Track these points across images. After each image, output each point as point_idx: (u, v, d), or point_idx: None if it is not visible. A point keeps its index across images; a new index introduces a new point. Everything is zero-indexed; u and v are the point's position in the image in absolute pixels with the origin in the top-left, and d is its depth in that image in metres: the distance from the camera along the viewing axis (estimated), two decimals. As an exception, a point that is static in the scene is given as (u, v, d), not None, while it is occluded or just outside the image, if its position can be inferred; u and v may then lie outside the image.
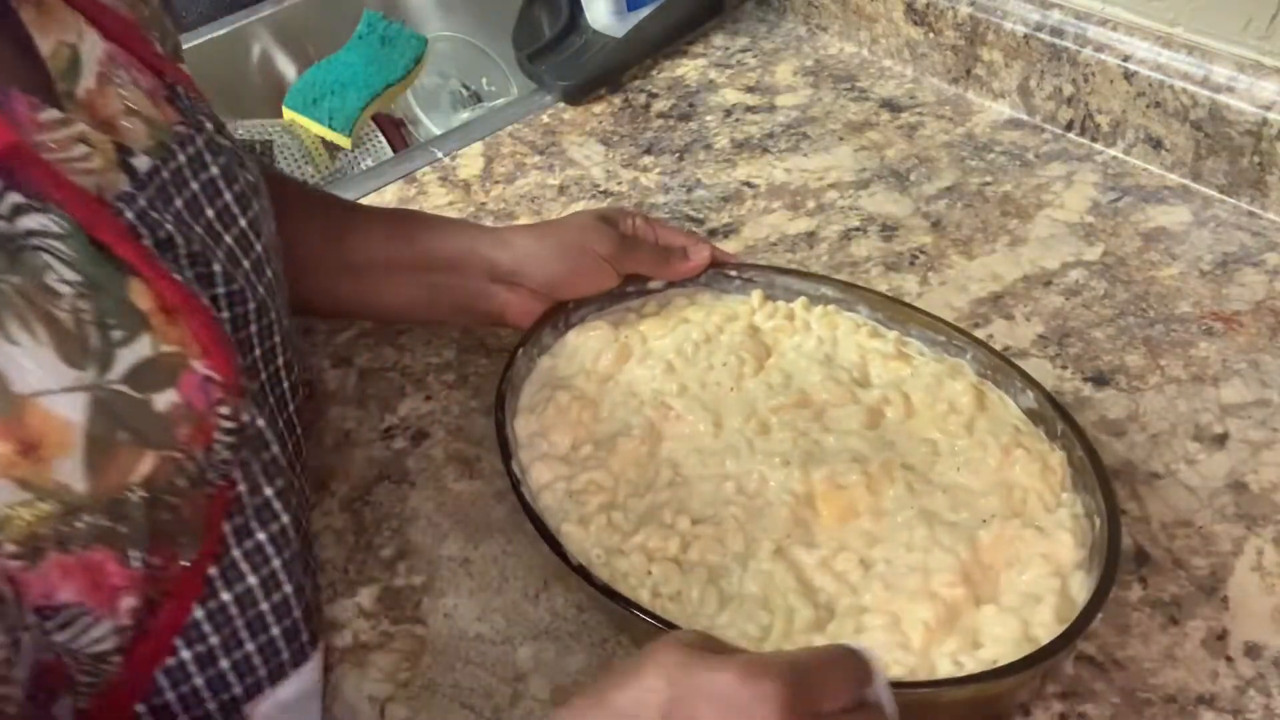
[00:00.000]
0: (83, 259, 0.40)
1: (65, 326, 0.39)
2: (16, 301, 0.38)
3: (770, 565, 0.52)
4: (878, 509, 0.55)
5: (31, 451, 0.38)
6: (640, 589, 0.52)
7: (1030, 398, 0.58)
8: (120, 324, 0.41)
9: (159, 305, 0.42)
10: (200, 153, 0.50)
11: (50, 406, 0.38)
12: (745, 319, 0.65)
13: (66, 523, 0.40)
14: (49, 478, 0.39)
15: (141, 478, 0.42)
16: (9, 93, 0.41)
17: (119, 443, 0.40)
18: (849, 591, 0.51)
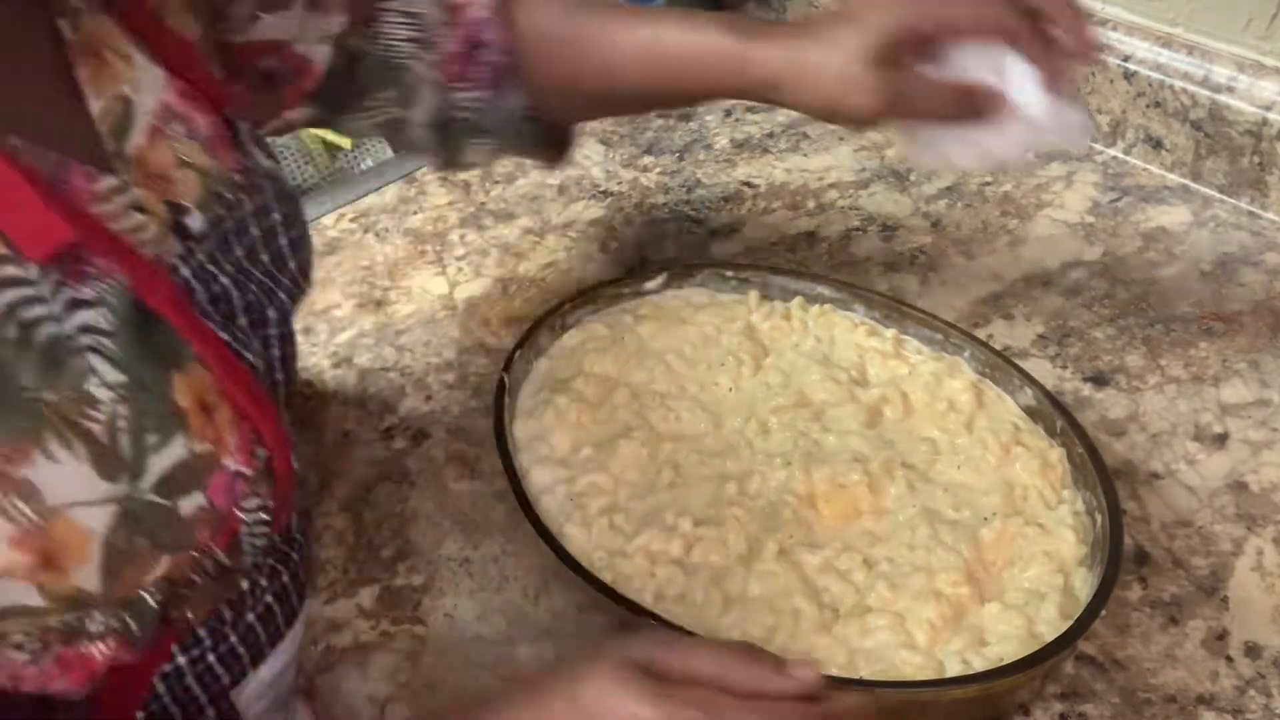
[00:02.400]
0: (128, 356, 0.40)
1: (101, 440, 0.39)
2: (54, 419, 0.38)
3: (774, 566, 0.52)
4: (879, 508, 0.55)
5: (51, 562, 0.38)
6: (644, 592, 0.52)
7: (1029, 395, 0.58)
8: (157, 427, 0.41)
9: (199, 401, 0.42)
10: (268, 202, 0.50)
11: (75, 518, 0.38)
12: (742, 319, 0.65)
13: (77, 620, 0.40)
14: (67, 584, 0.39)
15: (156, 578, 0.42)
16: (68, 166, 0.41)
17: (137, 549, 0.40)
18: (853, 591, 0.51)
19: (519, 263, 0.80)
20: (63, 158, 0.41)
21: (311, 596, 0.59)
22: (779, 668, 0.42)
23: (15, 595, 0.38)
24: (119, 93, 0.45)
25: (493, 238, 0.83)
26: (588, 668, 0.41)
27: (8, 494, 0.36)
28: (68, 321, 0.39)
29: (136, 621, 0.41)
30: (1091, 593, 0.49)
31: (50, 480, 0.37)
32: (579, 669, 0.42)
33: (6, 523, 0.36)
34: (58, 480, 0.38)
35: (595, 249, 0.80)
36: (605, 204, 0.85)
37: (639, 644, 0.42)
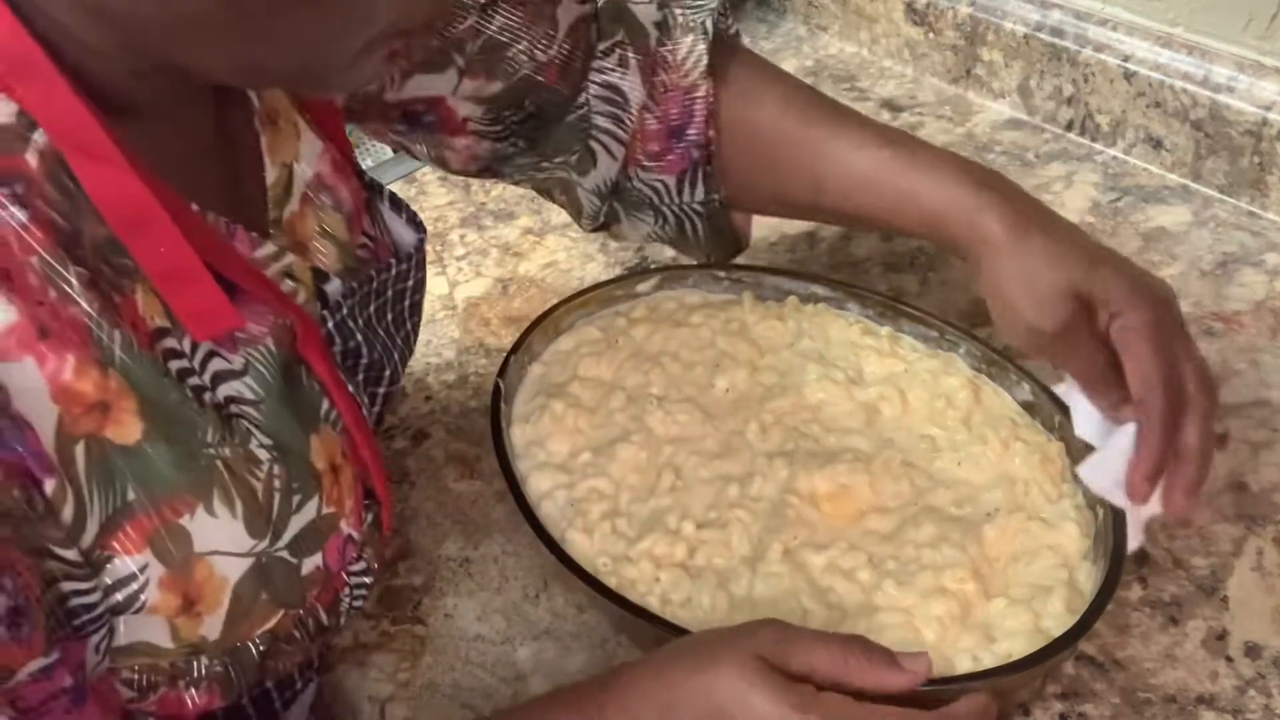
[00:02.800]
0: (274, 422, 0.41)
1: (259, 499, 0.40)
2: (223, 476, 0.39)
3: (779, 567, 0.52)
4: (882, 506, 0.55)
5: (191, 607, 0.39)
6: (649, 596, 0.52)
7: (1025, 390, 0.59)
8: (301, 489, 0.42)
9: (330, 463, 0.44)
10: (410, 270, 0.52)
11: (216, 565, 0.40)
12: (737, 320, 0.65)
13: (186, 662, 0.41)
14: (195, 633, 0.40)
15: (265, 631, 0.43)
16: (235, 230, 0.42)
17: (259, 602, 0.42)
18: (860, 590, 0.51)
19: (519, 263, 0.80)
20: (232, 223, 0.42)
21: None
22: (893, 662, 0.43)
23: (148, 633, 0.39)
24: (286, 160, 0.46)
25: (493, 238, 0.83)
26: (716, 662, 0.41)
27: (164, 538, 0.38)
28: (218, 392, 0.40)
29: (237, 670, 0.43)
30: (1096, 586, 0.49)
31: (203, 531, 0.39)
32: (705, 661, 0.42)
33: (161, 565, 0.38)
34: (211, 532, 0.39)
35: (595, 249, 0.80)
36: (605, 204, 0.85)
37: (762, 635, 0.42)
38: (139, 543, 0.37)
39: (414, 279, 0.53)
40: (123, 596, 0.38)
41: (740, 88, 0.60)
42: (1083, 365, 0.50)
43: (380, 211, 0.53)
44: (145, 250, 0.37)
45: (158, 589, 0.38)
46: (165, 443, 0.38)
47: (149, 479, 0.37)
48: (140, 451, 0.37)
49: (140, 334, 0.37)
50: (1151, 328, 0.48)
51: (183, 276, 0.38)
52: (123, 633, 0.39)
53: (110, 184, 0.36)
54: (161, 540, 0.38)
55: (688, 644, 0.44)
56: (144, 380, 0.37)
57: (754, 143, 0.60)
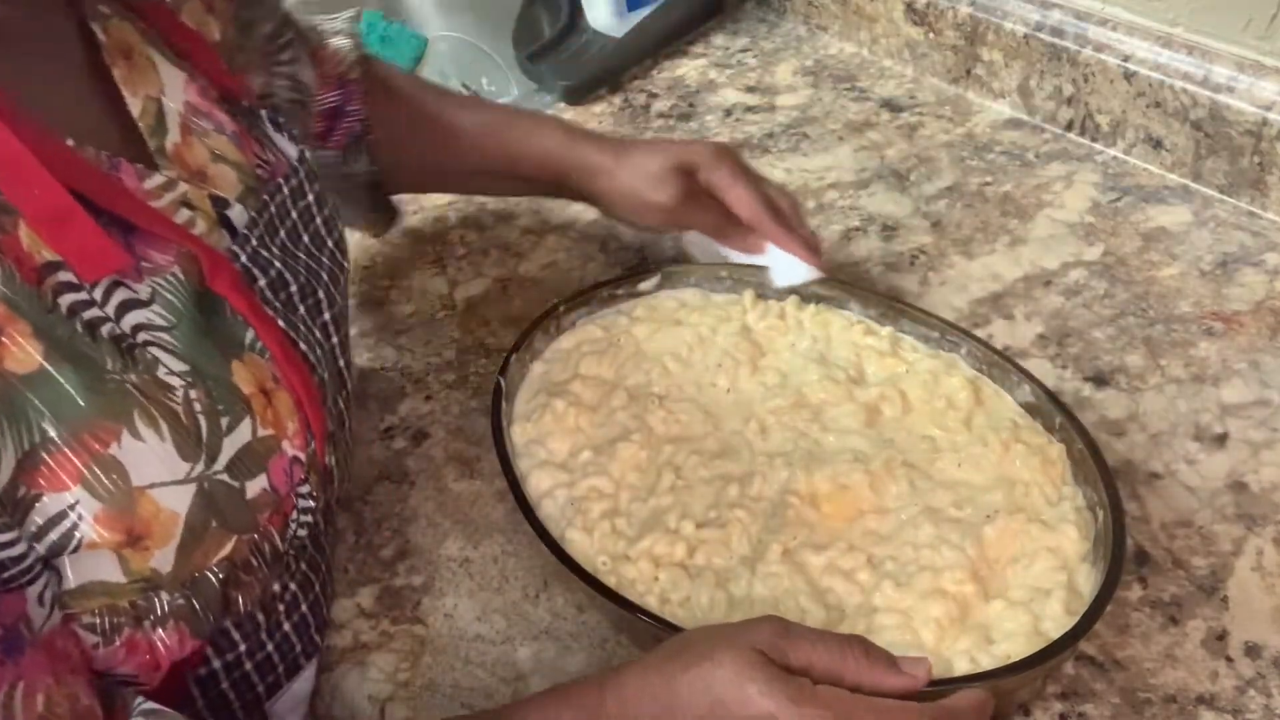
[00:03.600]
0: (189, 347, 0.41)
1: (182, 420, 0.40)
2: (142, 398, 0.39)
3: (778, 568, 0.52)
4: (881, 507, 0.55)
5: (138, 541, 0.39)
6: (648, 595, 0.52)
7: (1027, 391, 0.59)
8: (228, 409, 0.42)
9: (259, 386, 0.44)
10: (302, 182, 0.52)
11: (160, 498, 0.39)
12: (738, 320, 0.65)
13: (146, 599, 0.41)
14: (146, 565, 0.40)
15: (220, 559, 0.43)
16: (118, 164, 0.42)
17: (210, 530, 0.41)
18: (859, 591, 0.51)
19: (519, 263, 0.80)
20: (114, 157, 0.42)
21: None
22: (892, 664, 0.43)
23: (99, 570, 0.39)
24: (150, 93, 0.46)
25: (493, 238, 0.83)
26: (715, 655, 0.41)
27: (96, 471, 0.37)
28: (123, 321, 0.40)
29: (200, 602, 0.43)
30: (1095, 588, 0.49)
31: (136, 460, 0.39)
32: (705, 654, 0.42)
33: (94, 500, 0.38)
34: (143, 460, 0.39)
35: (595, 249, 0.80)
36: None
37: (761, 630, 0.42)
38: (66, 479, 0.37)
39: (313, 193, 0.52)
40: (56, 536, 0.37)
41: (380, 75, 0.72)
42: (710, 219, 0.67)
43: (268, 134, 0.53)
44: (18, 192, 0.36)
45: (94, 526, 0.38)
46: (70, 365, 0.37)
47: (61, 408, 0.37)
48: (45, 378, 0.36)
49: (25, 269, 0.37)
50: (734, 172, 0.65)
51: (61, 217, 0.37)
52: (71, 575, 0.38)
53: None
54: (93, 474, 0.37)
55: (687, 639, 0.44)
56: (31, 313, 0.36)
57: (399, 118, 0.71)
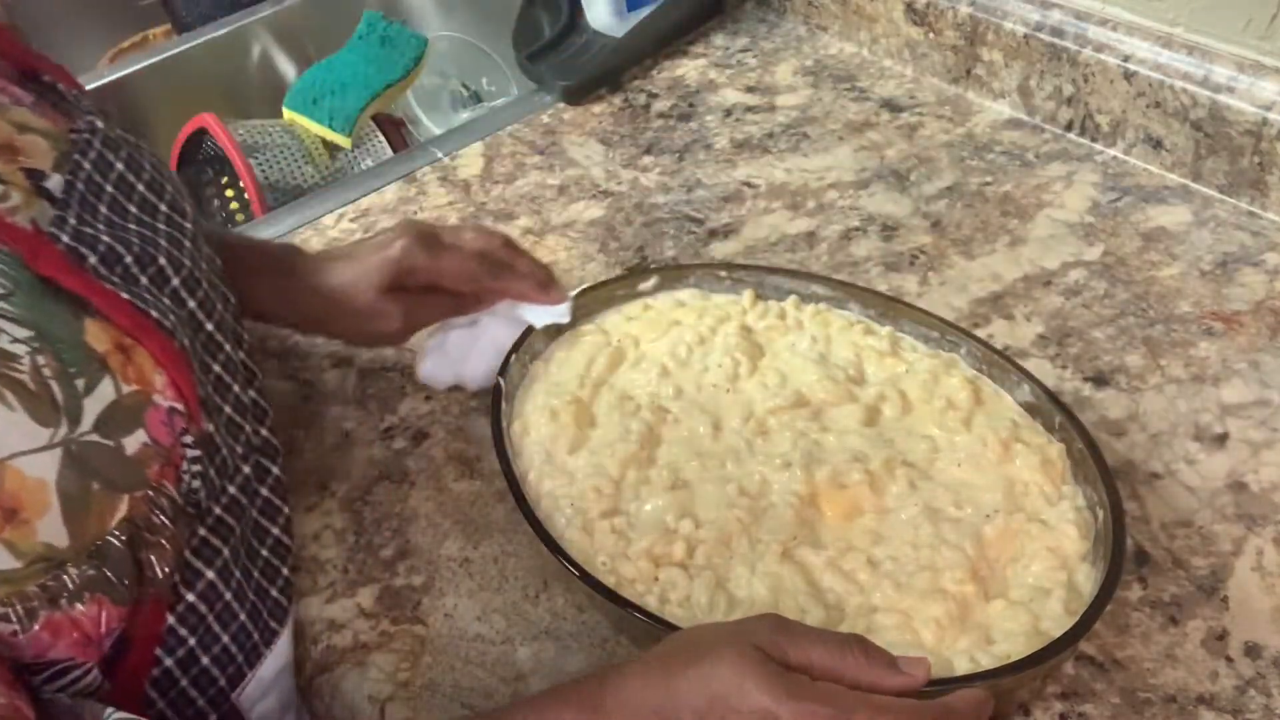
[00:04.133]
0: (31, 311, 0.40)
1: (29, 388, 0.39)
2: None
3: (778, 567, 0.52)
4: (881, 507, 0.55)
5: (14, 516, 0.38)
6: (648, 595, 0.52)
7: (1026, 391, 0.59)
8: (82, 371, 0.41)
9: (115, 344, 0.42)
10: (101, 153, 0.49)
11: (24, 468, 0.38)
12: (737, 320, 0.65)
13: (54, 578, 0.40)
14: (35, 541, 0.39)
15: (119, 521, 0.42)
16: None
17: (93, 493, 0.40)
18: (858, 591, 0.51)
19: (519, 263, 0.80)
20: None
21: (312, 595, 0.59)
22: (892, 663, 0.43)
23: None
24: None
25: (493, 238, 0.83)
26: (714, 652, 0.41)
27: None
28: None
29: (110, 568, 0.41)
30: (1096, 588, 0.49)
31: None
32: (704, 651, 0.42)
33: None
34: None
35: (595, 249, 0.80)
36: (605, 204, 0.85)
37: (761, 627, 0.42)
38: None
39: (121, 161, 0.50)
40: None
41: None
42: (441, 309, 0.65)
43: (71, 105, 0.51)
44: None
45: None
46: None
47: None
48: None
49: None
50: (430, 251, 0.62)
51: None
52: None
53: None
54: None
55: (686, 636, 0.44)
56: None
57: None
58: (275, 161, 1.07)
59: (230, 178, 1.08)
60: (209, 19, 1.18)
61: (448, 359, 0.67)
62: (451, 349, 0.66)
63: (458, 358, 0.66)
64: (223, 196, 1.10)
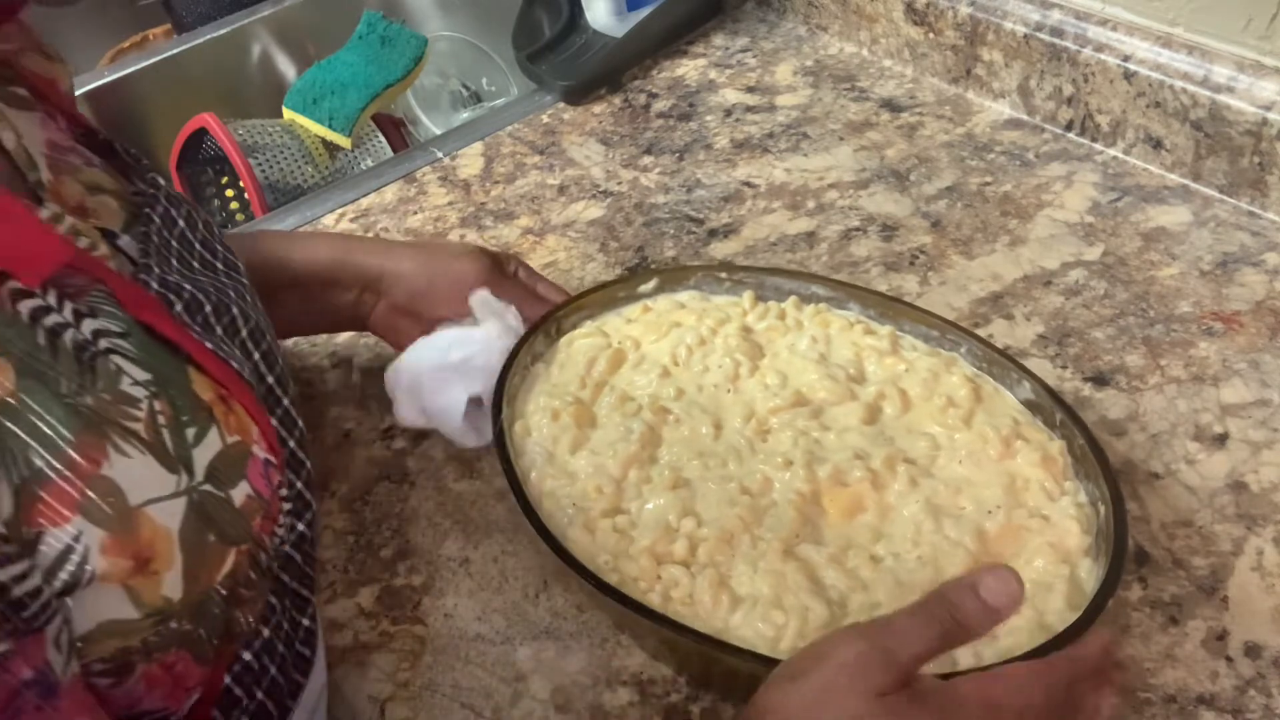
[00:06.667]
0: (146, 353, 0.40)
1: (146, 438, 0.38)
2: (110, 416, 0.37)
3: (780, 565, 0.52)
4: (883, 504, 0.55)
5: (145, 565, 0.37)
6: (650, 594, 0.52)
7: (1027, 388, 0.59)
8: (193, 420, 0.40)
9: (217, 393, 0.42)
10: (167, 209, 0.50)
11: (156, 516, 0.38)
12: (737, 320, 0.65)
13: (155, 633, 0.39)
14: (157, 594, 0.38)
15: (223, 576, 0.41)
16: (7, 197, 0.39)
17: (209, 546, 0.40)
18: (861, 588, 0.51)
19: (519, 263, 0.80)
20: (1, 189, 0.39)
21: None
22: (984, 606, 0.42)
23: (110, 609, 0.37)
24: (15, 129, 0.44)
25: (493, 238, 0.83)
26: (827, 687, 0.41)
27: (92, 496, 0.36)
28: (83, 327, 0.38)
29: (205, 626, 0.41)
30: (1098, 582, 0.49)
31: (127, 477, 0.37)
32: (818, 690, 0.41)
33: (97, 527, 0.36)
34: (133, 476, 0.37)
35: (595, 249, 0.80)
36: (605, 204, 0.85)
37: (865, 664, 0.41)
38: (65, 510, 0.35)
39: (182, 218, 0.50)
40: (66, 575, 0.35)
41: None
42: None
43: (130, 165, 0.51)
44: None
45: (101, 555, 0.36)
46: (41, 384, 0.35)
47: (39, 432, 0.34)
48: (22, 405, 0.34)
49: None
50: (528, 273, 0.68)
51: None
52: (82, 619, 0.36)
53: None
54: (89, 500, 0.35)
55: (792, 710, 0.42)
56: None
57: None
58: (275, 161, 1.07)
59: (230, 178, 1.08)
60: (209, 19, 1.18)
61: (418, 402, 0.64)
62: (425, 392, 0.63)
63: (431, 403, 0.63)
64: (223, 196, 1.10)
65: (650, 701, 0.53)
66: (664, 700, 0.53)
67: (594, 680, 0.54)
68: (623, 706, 0.53)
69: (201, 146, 1.09)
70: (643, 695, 0.53)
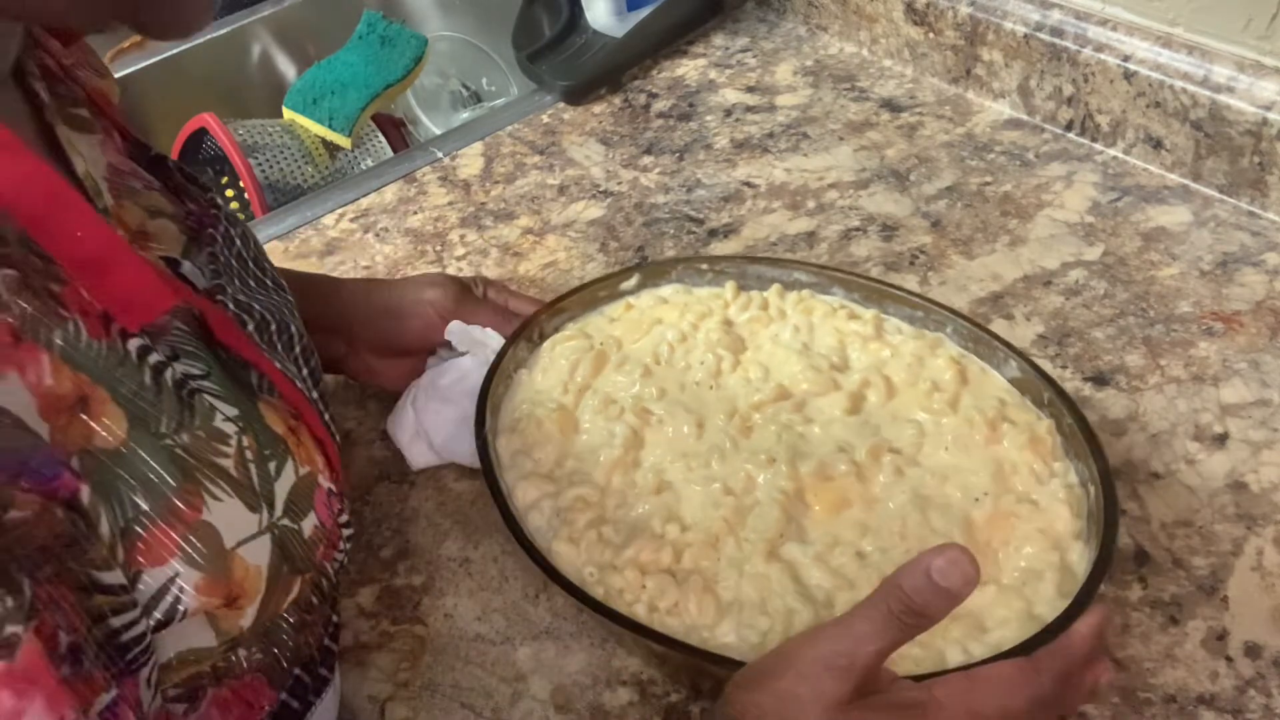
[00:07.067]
0: (228, 390, 0.40)
1: (234, 475, 0.39)
2: (203, 455, 0.38)
3: (765, 568, 0.52)
4: (869, 497, 0.55)
5: (234, 603, 0.38)
6: (636, 605, 0.51)
7: (1014, 367, 0.59)
8: (273, 454, 0.41)
9: (287, 425, 0.43)
10: (227, 229, 0.50)
11: (247, 556, 0.38)
12: (719, 314, 0.65)
13: (224, 659, 0.40)
14: (236, 624, 0.39)
15: (289, 603, 0.42)
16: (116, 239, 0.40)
17: (282, 576, 0.41)
18: (847, 586, 0.51)
19: (519, 263, 0.80)
20: None
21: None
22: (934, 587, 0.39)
23: (192, 638, 0.38)
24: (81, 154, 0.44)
25: (493, 238, 0.83)
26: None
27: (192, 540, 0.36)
28: (176, 367, 0.39)
29: (277, 651, 0.42)
30: (1089, 567, 0.48)
31: (222, 520, 0.37)
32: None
33: (193, 570, 0.36)
34: (226, 519, 0.38)
35: (595, 249, 0.80)
36: (605, 204, 0.85)
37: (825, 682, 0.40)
38: (163, 553, 0.35)
39: (238, 236, 0.51)
40: (160, 613, 0.36)
41: None
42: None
43: (182, 183, 0.51)
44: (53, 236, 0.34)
45: (196, 596, 0.36)
46: (147, 432, 0.35)
47: (145, 478, 0.35)
48: (128, 450, 0.35)
49: (91, 320, 0.35)
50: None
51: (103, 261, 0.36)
52: (164, 648, 0.37)
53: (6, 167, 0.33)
54: (189, 543, 0.36)
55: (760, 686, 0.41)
56: (105, 374, 0.35)
57: None
58: (275, 161, 1.07)
59: (230, 178, 1.08)
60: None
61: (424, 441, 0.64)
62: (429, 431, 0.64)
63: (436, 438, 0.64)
64: (223, 196, 1.10)
65: (650, 701, 0.53)
66: (664, 700, 0.53)
67: (594, 680, 0.54)
68: (623, 706, 0.53)
69: (201, 146, 1.09)
70: (643, 695, 0.53)
